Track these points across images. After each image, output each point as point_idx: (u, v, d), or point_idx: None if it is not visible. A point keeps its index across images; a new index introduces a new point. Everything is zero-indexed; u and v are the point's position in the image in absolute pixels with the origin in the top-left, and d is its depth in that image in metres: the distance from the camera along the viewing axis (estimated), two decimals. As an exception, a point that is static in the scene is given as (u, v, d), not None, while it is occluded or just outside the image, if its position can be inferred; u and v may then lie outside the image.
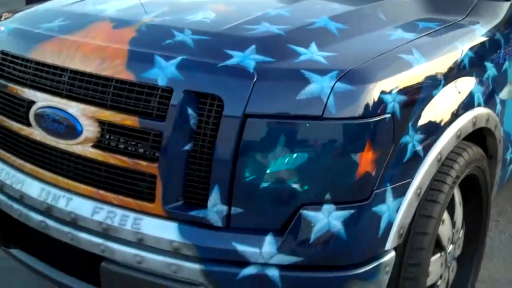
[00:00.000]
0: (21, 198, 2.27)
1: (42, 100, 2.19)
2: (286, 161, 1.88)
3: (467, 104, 2.35)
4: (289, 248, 1.91)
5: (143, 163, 1.99)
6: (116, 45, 2.10)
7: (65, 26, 2.31)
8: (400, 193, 2.04)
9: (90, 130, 2.07)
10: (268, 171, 1.89)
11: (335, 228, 1.91)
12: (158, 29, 2.17)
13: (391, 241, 2.03)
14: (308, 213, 1.90)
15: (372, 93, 1.90)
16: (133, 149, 2.03)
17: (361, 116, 1.89)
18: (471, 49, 2.40)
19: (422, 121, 2.10)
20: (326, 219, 1.90)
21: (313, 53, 2.02)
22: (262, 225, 1.93)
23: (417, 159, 2.09)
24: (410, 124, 2.05)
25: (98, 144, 2.08)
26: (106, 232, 2.06)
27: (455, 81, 2.29)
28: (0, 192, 2.37)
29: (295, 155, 1.88)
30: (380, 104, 1.92)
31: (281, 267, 1.92)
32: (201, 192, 1.96)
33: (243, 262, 1.93)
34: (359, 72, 1.92)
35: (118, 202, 2.06)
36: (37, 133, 2.22)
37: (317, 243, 1.91)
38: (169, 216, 1.98)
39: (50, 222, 2.18)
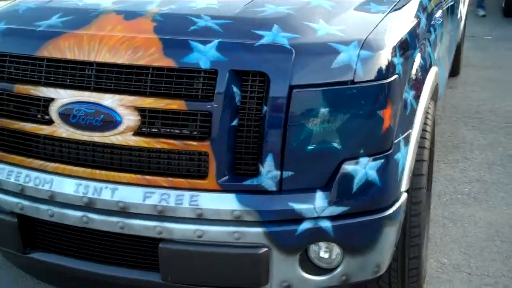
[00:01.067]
0: (51, 198, 2.26)
1: (66, 96, 2.21)
2: (327, 124, 2.13)
3: (430, 63, 2.77)
4: (337, 200, 2.16)
5: (194, 143, 2.12)
6: (142, 34, 2.17)
7: (69, 21, 2.31)
8: (407, 142, 2.38)
9: (130, 119, 2.14)
10: (313, 135, 2.12)
11: (371, 177, 2.20)
12: (175, 17, 2.28)
13: (405, 184, 2.37)
14: (349, 167, 2.17)
15: (387, 57, 2.21)
16: (179, 131, 2.14)
17: (382, 78, 2.19)
18: (424, 17, 2.81)
19: (412, 79, 2.46)
20: (363, 170, 2.18)
21: (325, 27, 2.27)
22: (310, 183, 2.17)
23: (414, 112, 2.45)
24: (406, 82, 2.39)
25: (140, 131, 2.15)
26: (162, 214, 2.15)
27: (421, 44, 2.68)
28: (20, 197, 2.32)
29: (334, 117, 2.13)
30: (392, 66, 2.24)
31: (331, 218, 2.17)
32: (250, 162, 2.14)
33: (299, 219, 2.15)
34: (373, 40, 2.22)
35: (168, 184, 2.17)
36: (62, 130, 2.23)
37: (359, 192, 2.19)
38: (223, 189, 2.14)
39: (93, 216, 2.21)
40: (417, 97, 2.49)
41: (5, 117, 2.35)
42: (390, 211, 2.28)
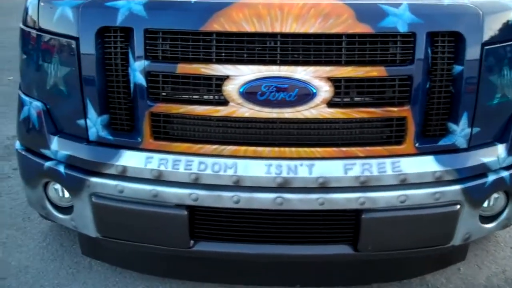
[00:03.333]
0: (237, 183, 2.11)
1: (249, 72, 2.04)
2: (509, 77, 2.21)
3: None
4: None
5: (394, 109, 2.09)
6: (325, 1, 2.06)
7: None
8: None
9: (325, 90, 2.05)
10: (497, 90, 2.19)
11: None
12: None
13: None
14: None
15: None
16: (377, 98, 2.09)
17: None
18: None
19: None
20: None
21: None
22: (490, 137, 2.25)
23: None
24: None
25: (335, 102, 2.07)
26: (364, 184, 2.11)
27: None
28: (193, 187, 2.13)
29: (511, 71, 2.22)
30: None
31: (507, 168, 2.28)
32: (440, 122, 2.16)
33: (486, 172, 2.23)
34: None
35: (365, 153, 2.12)
36: (244, 110, 2.07)
37: None
38: (420, 152, 2.15)
39: (289, 196, 2.10)
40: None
41: (164, 101, 2.12)
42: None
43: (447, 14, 2.09)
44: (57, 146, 2.29)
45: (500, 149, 2.25)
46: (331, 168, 2.10)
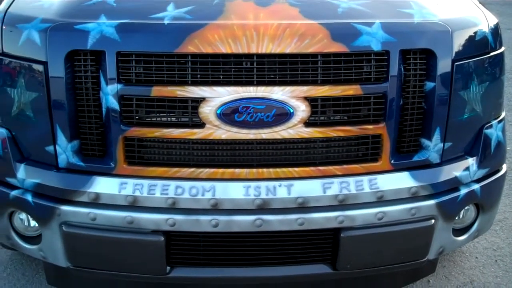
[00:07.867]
0: (215, 206, 2.07)
1: (225, 94, 2.02)
2: (477, 91, 2.26)
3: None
4: (482, 163, 2.32)
5: (370, 126, 2.10)
6: (298, 21, 2.07)
7: (196, 12, 2.09)
8: None
9: (302, 110, 2.05)
10: (467, 104, 2.24)
11: (500, 137, 2.39)
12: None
13: None
14: (487, 131, 2.34)
15: (499, 28, 2.40)
16: (353, 117, 2.10)
17: (499, 47, 2.38)
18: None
19: None
20: (495, 132, 2.37)
21: (442, 4, 2.35)
22: (461, 151, 2.29)
23: None
24: None
25: (312, 122, 2.07)
26: (343, 203, 2.11)
27: None
28: (170, 212, 2.08)
29: (481, 85, 2.27)
30: (501, 36, 2.43)
31: (478, 180, 2.33)
32: (413, 138, 2.19)
33: (459, 185, 2.27)
34: (488, 15, 2.38)
35: (342, 172, 2.13)
36: (221, 132, 2.04)
37: (494, 153, 2.37)
38: (395, 168, 2.17)
39: (268, 217, 2.08)
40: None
41: (139, 125, 2.07)
42: (506, 166, 2.50)
43: (419, 31, 2.13)
44: (24, 174, 2.20)
45: (471, 162, 2.30)
46: (309, 187, 2.09)
